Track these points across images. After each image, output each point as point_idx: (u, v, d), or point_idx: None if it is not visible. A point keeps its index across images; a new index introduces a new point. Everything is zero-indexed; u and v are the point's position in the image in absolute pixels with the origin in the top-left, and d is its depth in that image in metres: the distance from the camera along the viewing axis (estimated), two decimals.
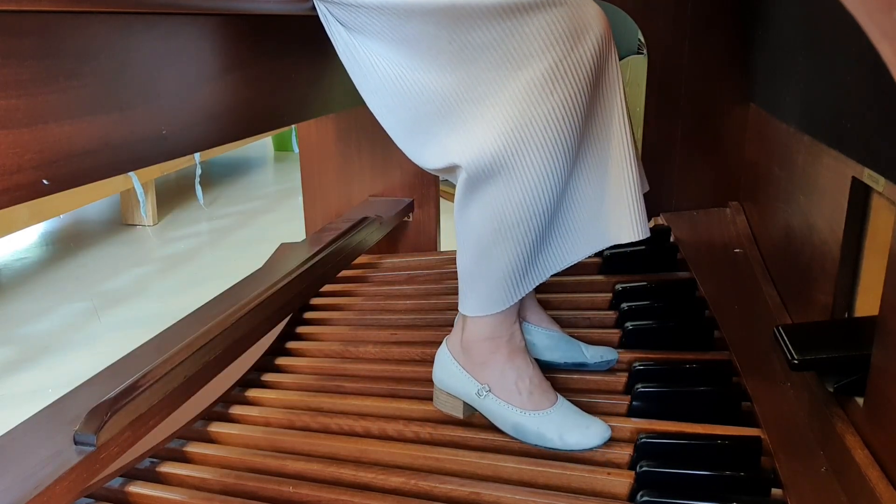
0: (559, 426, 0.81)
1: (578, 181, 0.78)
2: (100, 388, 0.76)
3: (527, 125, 0.71)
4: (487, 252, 0.78)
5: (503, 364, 0.84)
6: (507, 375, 0.83)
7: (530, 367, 0.84)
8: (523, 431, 0.82)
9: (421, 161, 0.81)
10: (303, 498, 0.79)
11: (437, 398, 0.90)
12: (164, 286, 2.02)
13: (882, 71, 0.31)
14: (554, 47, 0.71)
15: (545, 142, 0.72)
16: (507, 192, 0.74)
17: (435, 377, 0.89)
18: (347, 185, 1.58)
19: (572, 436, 0.81)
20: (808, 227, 0.91)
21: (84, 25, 0.58)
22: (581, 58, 0.72)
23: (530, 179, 0.73)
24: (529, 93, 0.71)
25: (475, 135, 0.74)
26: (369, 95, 0.81)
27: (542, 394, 0.83)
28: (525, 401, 0.83)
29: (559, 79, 0.71)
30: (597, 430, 0.81)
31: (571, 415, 0.82)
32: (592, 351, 0.96)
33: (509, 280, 0.79)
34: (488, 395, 0.84)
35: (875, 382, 0.64)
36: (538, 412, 0.82)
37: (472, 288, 0.81)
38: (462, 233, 0.79)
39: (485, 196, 0.75)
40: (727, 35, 1.29)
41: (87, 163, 0.60)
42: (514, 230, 0.76)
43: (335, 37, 0.81)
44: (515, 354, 0.84)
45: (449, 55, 0.74)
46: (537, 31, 0.71)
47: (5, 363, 1.58)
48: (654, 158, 1.36)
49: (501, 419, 0.84)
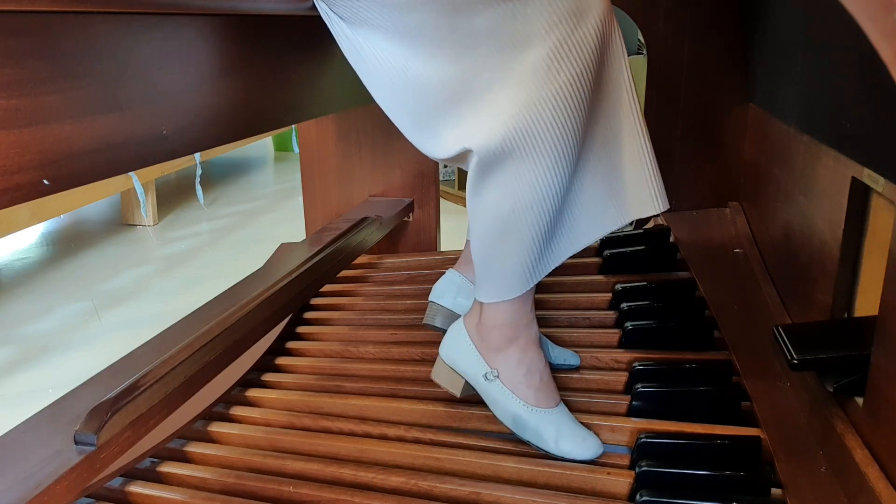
0: (557, 430, 0.81)
1: (590, 159, 0.78)
2: (100, 388, 0.76)
3: (535, 106, 0.71)
4: (502, 236, 0.77)
5: (518, 354, 0.83)
6: (519, 366, 0.83)
7: (542, 363, 0.84)
8: (522, 425, 0.82)
9: (432, 151, 0.80)
10: (303, 498, 0.79)
11: (438, 371, 0.89)
12: (164, 286, 2.02)
13: (882, 71, 0.31)
14: (556, 27, 0.71)
15: (555, 121, 0.72)
16: (519, 173, 0.74)
17: (442, 350, 0.88)
18: (347, 185, 1.58)
19: (567, 443, 0.81)
20: (808, 227, 0.91)
21: (84, 25, 0.58)
22: (585, 36, 0.72)
23: (541, 160, 0.73)
24: (536, 74, 0.72)
25: (485, 119, 0.74)
26: (376, 90, 0.81)
27: (548, 393, 0.83)
28: (531, 395, 0.83)
29: (564, 58, 0.71)
30: (592, 444, 0.81)
31: (570, 423, 0.82)
32: (558, 351, 0.97)
33: (525, 264, 0.79)
34: (495, 381, 0.83)
35: (875, 382, 0.64)
36: (540, 410, 0.82)
37: (488, 274, 0.81)
38: (476, 219, 0.79)
39: (497, 179, 0.75)
40: (727, 35, 1.29)
41: (87, 163, 0.60)
42: (527, 211, 0.75)
43: (338, 34, 0.81)
44: (530, 346, 0.84)
45: (452, 44, 0.74)
46: (539, 13, 0.71)
47: (5, 363, 1.58)
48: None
49: (502, 408, 0.84)
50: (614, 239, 1.30)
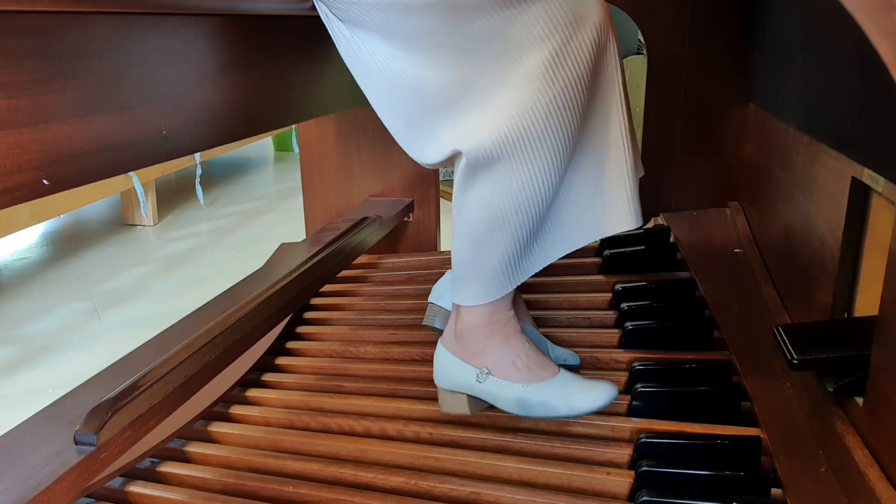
0: (563, 392, 0.81)
1: (576, 171, 0.78)
2: (100, 388, 0.76)
3: (528, 113, 0.72)
4: (484, 240, 0.78)
5: (500, 346, 0.83)
6: (505, 355, 0.83)
7: (526, 345, 0.84)
8: (528, 405, 0.82)
9: (422, 156, 0.81)
10: (303, 498, 0.79)
11: (443, 401, 0.88)
12: (164, 286, 2.02)
13: (882, 71, 0.31)
14: (553, 35, 0.71)
15: (546, 130, 0.72)
16: (507, 179, 0.74)
17: (436, 378, 0.89)
18: (347, 185, 1.58)
19: (577, 399, 0.80)
20: (808, 227, 0.91)
21: (84, 25, 0.58)
22: (581, 45, 0.72)
23: (530, 167, 0.73)
24: (531, 81, 0.72)
25: (477, 123, 0.74)
26: (371, 92, 0.81)
27: (541, 367, 0.83)
28: (525, 376, 0.82)
29: (560, 66, 0.71)
30: (602, 389, 0.80)
31: (574, 381, 0.82)
32: (558, 351, 0.97)
33: (505, 268, 0.79)
34: (488, 378, 0.83)
35: (875, 382, 0.64)
36: (541, 383, 0.82)
37: (468, 277, 0.81)
38: (459, 221, 0.79)
39: (484, 183, 0.75)
40: (727, 35, 1.29)
41: (87, 163, 0.60)
42: (511, 217, 0.76)
43: (336, 35, 0.81)
44: (511, 336, 0.84)
45: (450, 48, 0.74)
46: (536, 20, 0.71)
47: (5, 363, 1.58)
48: (653, 158, 1.36)
49: (504, 398, 0.83)
50: (614, 239, 1.30)
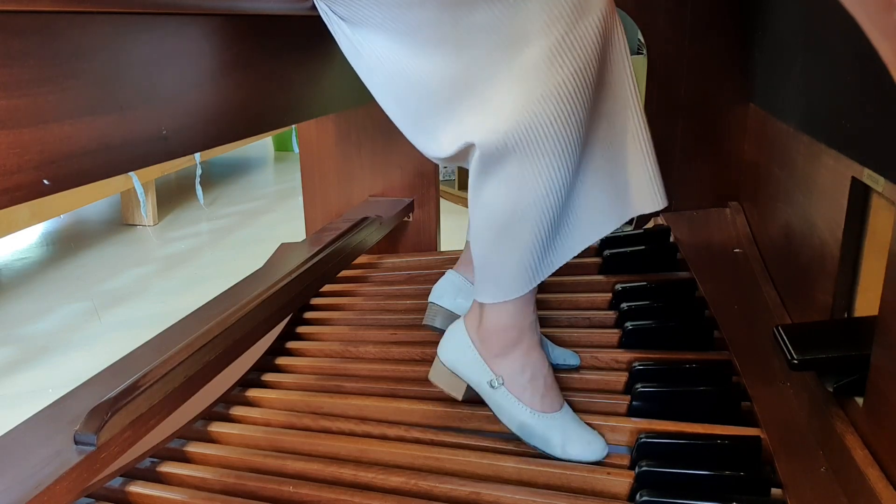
0: (563, 435, 0.81)
1: (594, 157, 0.77)
2: (100, 388, 0.76)
3: (537, 102, 0.71)
4: (504, 234, 0.76)
5: (521, 358, 0.83)
6: (524, 371, 0.82)
7: (545, 366, 0.84)
8: (529, 432, 0.82)
9: (432, 150, 0.79)
10: (303, 498, 0.79)
11: (438, 374, 0.87)
12: (164, 286, 2.02)
13: (882, 71, 0.31)
14: (557, 23, 0.71)
15: (557, 117, 0.71)
16: (522, 170, 0.73)
17: (441, 353, 0.87)
18: (347, 185, 1.58)
19: (574, 448, 0.81)
20: (808, 227, 0.91)
21: (84, 25, 0.58)
22: (586, 32, 0.72)
23: (544, 156, 0.72)
24: (537, 69, 0.71)
25: (487, 114, 0.73)
26: (376, 90, 0.81)
27: (553, 397, 0.83)
28: (536, 401, 0.82)
29: (566, 53, 0.71)
30: (597, 446, 0.81)
31: (576, 426, 0.82)
32: (558, 352, 0.97)
33: (528, 263, 0.78)
34: (500, 388, 0.83)
35: (875, 382, 0.64)
36: (546, 415, 0.82)
37: (490, 274, 0.80)
38: (477, 217, 0.78)
39: (500, 176, 0.74)
40: (727, 35, 1.29)
41: (87, 163, 0.60)
42: (530, 209, 0.74)
43: (338, 34, 0.80)
44: (533, 349, 0.83)
45: (453, 40, 0.73)
46: (540, 8, 0.71)
47: (5, 363, 1.58)
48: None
49: (508, 415, 0.83)
50: (614, 239, 1.30)
